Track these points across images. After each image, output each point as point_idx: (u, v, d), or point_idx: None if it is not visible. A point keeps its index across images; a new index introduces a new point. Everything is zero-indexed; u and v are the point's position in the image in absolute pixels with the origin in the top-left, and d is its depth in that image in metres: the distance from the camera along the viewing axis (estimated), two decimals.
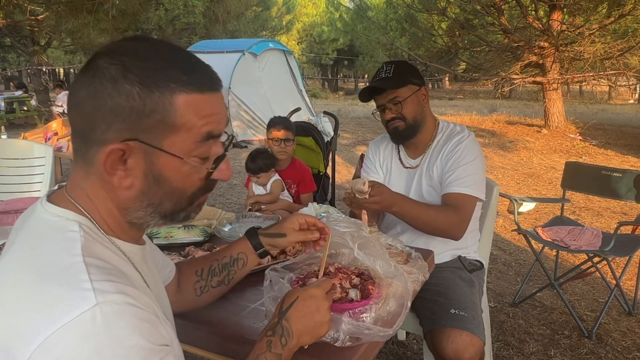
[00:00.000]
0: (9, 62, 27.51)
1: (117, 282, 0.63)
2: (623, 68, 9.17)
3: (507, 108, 14.79)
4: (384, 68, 1.83)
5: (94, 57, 0.69)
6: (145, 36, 0.75)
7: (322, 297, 0.93)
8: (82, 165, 0.71)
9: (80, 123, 0.68)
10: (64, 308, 0.59)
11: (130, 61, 0.67)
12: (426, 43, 12.47)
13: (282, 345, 0.86)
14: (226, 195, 5.52)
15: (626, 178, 2.86)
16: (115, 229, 0.74)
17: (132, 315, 0.62)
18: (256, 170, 2.60)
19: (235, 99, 8.97)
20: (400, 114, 1.82)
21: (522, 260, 3.60)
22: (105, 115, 0.66)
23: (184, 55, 0.72)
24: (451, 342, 1.47)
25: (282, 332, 0.87)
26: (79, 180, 0.72)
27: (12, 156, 2.92)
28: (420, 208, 1.70)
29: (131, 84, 0.65)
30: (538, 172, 6.72)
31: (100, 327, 0.59)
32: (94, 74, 0.67)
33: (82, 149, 0.70)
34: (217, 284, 1.12)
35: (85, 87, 0.67)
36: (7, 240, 0.77)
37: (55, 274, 0.62)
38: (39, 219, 0.71)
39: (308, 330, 0.90)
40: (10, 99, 11.70)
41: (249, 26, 21.94)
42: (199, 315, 1.13)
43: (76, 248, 0.65)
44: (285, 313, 0.90)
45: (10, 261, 0.68)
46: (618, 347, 2.45)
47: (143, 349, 0.62)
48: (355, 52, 28.67)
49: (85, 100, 0.67)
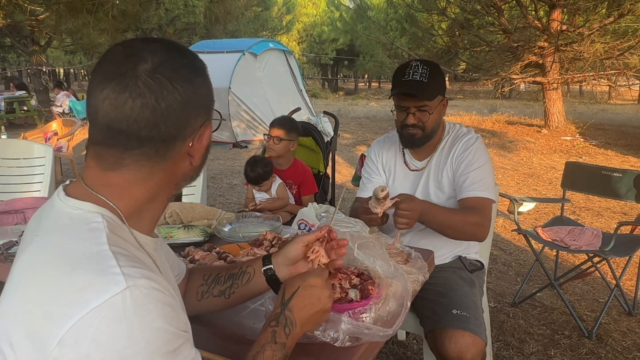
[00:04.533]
0: (9, 62, 27.51)
1: (142, 269, 0.67)
2: (623, 68, 9.16)
3: (507, 108, 14.79)
4: (419, 70, 1.70)
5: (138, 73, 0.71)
6: (144, 37, 0.78)
7: (323, 286, 0.95)
8: (146, 169, 0.75)
9: (169, 130, 0.74)
10: (95, 292, 0.62)
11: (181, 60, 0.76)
12: (426, 43, 12.48)
13: (285, 335, 0.89)
14: (226, 195, 5.52)
15: (626, 178, 2.86)
16: (136, 219, 0.77)
17: (157, 299, 0.65)
18: (257, 180, 2.57)
19: (235, 99, 8.96)
20: (423, 124, 1.75)
21: (522, 260, 3.59)
22: (194, 109, 0.76)
23: (180, 43, 0.84)
24: (453, 343, 1.47)
25: (285, 322, 0.90)
26: (117, 182, 0.74)
27: (12, 156, 2.93)
28: (446, 213, 1.67)
29: (197, 77, 0.77)
30: (538, 172, 6.72)
31: (130, 310, 0.62)
32: (160, 85, 0.71)
33: (158, 155, 0.74)
34: (218, 293, 1.08)
35: (163, 99, 0.72)
36: (24, 235, 0.80)
37: (84, 261, 0.65)
38: (60, 212, 0.73)
39: (310, 318, 0.93)
40: (10, 99, 11.70)
41: (249, 26, 21.95)
42: (199, 315, 1.13)
43: (102, 237, 0.68)
44: (288, 303, 0.91)
45: (35, 251, 0.71)
46: (618, 347, 2.45)
47: (167, 332, 0.65)
48: (355, 52, 28.66)
49: (171, 109, 0.73)
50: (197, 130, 0.77)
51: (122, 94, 0.70)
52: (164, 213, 1.78)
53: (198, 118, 0.77)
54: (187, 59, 0.77)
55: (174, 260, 1.07)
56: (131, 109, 0.70)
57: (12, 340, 0.64)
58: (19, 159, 2.91)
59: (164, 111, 0.72)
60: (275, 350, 0.86)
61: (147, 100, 0.70)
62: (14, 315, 0.65)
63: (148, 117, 0.71)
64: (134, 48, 0.73)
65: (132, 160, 0.73)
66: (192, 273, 1.13)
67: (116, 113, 0.70)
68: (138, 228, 0.77)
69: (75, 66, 26.43)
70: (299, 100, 10.73)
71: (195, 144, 0.78)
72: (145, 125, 0.71)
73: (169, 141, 0.74)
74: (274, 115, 2.96)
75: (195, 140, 0.77)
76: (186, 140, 0.76)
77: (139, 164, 0.74)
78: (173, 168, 0.77)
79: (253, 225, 1.87)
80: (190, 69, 0.76)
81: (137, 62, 0.71)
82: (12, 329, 0.64)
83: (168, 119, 0.72)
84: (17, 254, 0.76)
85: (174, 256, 1.08)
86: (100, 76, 0.72)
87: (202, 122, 0.78)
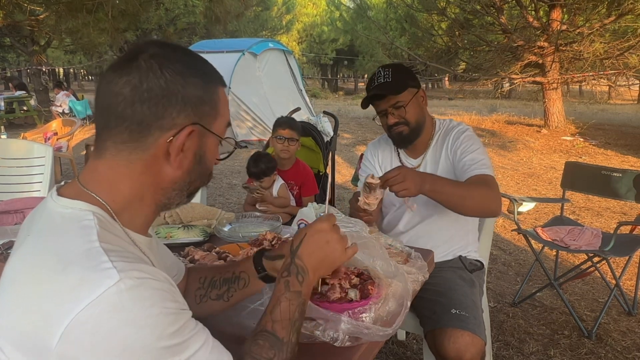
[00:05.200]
0: (8, 62, 27.50)
1: (134, 262, 0.68)
2: (623, 68, 9.16)
3: (507, 108, 14.78)
4: (382, 73, 1.82)
5: (137, 57, 0.75)
6: (171, 43, 0.82)
7: (330, 230, 0.95)
8: (123, 154, 0.75)
9: (143, 113, 0.74)
10: (89, 287, 0.62)
11: (183, 57, 0.77)
12: (426, 43, 12.46)
13: (299, 282, 0.89)
14: (226, 195, 5.52)
15: (626, 178, 2.86)
16: (127, 218, 0.77)
17: (152, 287, 0.66)
18: (259, 175, 2.57)
19: (235, 99, 8.95)
20: (403, 119, 1.81)
21: (522, 260, 3.60)
22: (177, 103, 0.75)
23: (202, 57, 0.83)
24: (452, 342, 1.47)
25: (297, 270, 0.90)
26: (103, 171, 0.76)
27: (12, 156, 2.93)
28: (453, 182, 1.65)
29: (194, 77, 0.77)
30: (538, 172, 6.72)
31: (127, 299, 0.62)
32: (150, 69, 0.73)
33: (132, 139, 0.75)
34: (216, 297, 1.08)
35: (147, 80, 0.73)
36: (17, 235, 0.80)
37: (75, 259, 0.65)
38: (52, 212, 0.74)
39: (321, 262, 0.93)
40: (10, 99, 11.69)
41: (249, 26, 21.96)
42: (199, 315, 1.13)
43: (92, 235, 0.69)
44: (296, 251, 0.92)
45: (27, 251, 0.71)
46: (618, 347, 2.45)
47: (168, 314, 0.66)
48: (355, 52, 28.66)
49: (152, 93, 0.73)
50: (178, 127, 0.76)
51: (116, 72, 0.75)
52: (163, 213, 1.78)
53: (181, 114, 0.76)
54: (192, 61, 0.78)
55: (172, 260, 1.07)
56: (116, 84, 0.74)
57: (5, 340, 0.64)
58: (19, 159, 2.91)
59: (144, 92, 0.73)
60: (291, 300, 0.87)
61: (131, 78, 0.73)
62: (7, 314, 0.66)
63: (126, 94, 0.73)
64: (147, 42, 0.78)
65: (112, 142, 0.75)
66: (190, 274, 1.12)
67: (106, 88, 0.75)
68: (130, 227, 0.78)
69: (75, 66, 26.43)
70: (298, 100, 10.73)
71: (174, 140, 0.76)
72: (122, 100, 0.73)
73: (144, 126, 0.74)
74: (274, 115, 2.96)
75: (175, 137, 0.76)
76: (164, 133, 0.75)
77: (116, 148, 0.75)
78: (154, 167, 0.77)
79: (253, 225, 1.87)
80: (189, 67, 0.77)
81: (141, 51, 0.76)
82: (5, 329, 0.65)
83: (145, 101, 0.73)
84: (11, 254, 0.76)
85: (172, 256, 1.07)
86: (110, 64, 0.77)
87: (187, 123, 0.76)
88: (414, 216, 1.89)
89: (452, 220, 1.85)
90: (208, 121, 0.79)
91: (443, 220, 1.86)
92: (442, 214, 1.83)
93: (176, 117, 0.75)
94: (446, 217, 1.84)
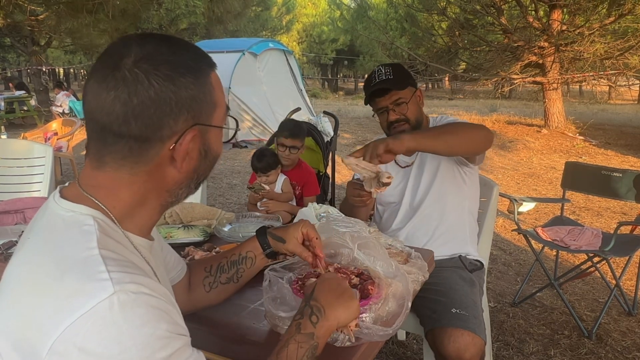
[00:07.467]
0: (8, 62, 27.51)
1: (133, 273, 0.65)
2: (623, 68, 9.15)
3: (507, 108, 14.79)
4: (382, 70, 1.83)
5: (119, 66, 0.69)
6: (143, 33, 0.76)
7: (338, 278, 0.99)
8: (125, 169, 0.72)
9: (140, 129, 0.70)
10: (83, 298, 0.60)
11: (168, 56, 0.71)
12: (426, 43, 12.45)
13: (312, 324, 0.86)
14: (226, 195, 5.52)
15: (626, 178, 2.86)
16: (130, 221, 0.75)
17: (148, 304, 0.63)
18: (266, 168, 2.56)
19: (235, 99, 8.96)
20: (404, 116, 1.82)
21: (522, 260, 3.60)
22: (172, 111, 0.71)
23: (186, 41, 0.79)
24: (453, 342, 1.47)
25: (311, 311, 0.88)
26: (104, 181, 0.73)
27: (12, 156, 2.92)
28: (438, 127, 1.64)
29: (184, 76, 0.71)
30: (538, 172, 6.72)
31: (118, 315, 0.60)
32: (136, 80, 0.69)
33: (132, 154, 0.71)
34: (226, 280, 1.12)
35: (136, 94, 0.69)
36: (22, 235, 0.78)
37: (73, 267, 0.64)
38: (53, 215, 0.72)
39: (338, 301, 0.91)
40: (10, 99, 11.69)
41: (249, 26, 21.95)
42: (199, 315, 1.13)
43: (92, 241, 0.67)
44: (311, 296, 0.91)
45: (25, 256, 0.70)
46: (618, 347, 2.45)
47: (161, 337, 0.63)
48: (355, 52, 28.65)
49: (144, 106, 0.69)
50: (179, 133, 0.72)
51: (101, 85, 0.69)
52: (163, 214, 1.78)
53: (179, 120, 0.72)
54: (177, 56, 0.72)
55: (175, 258, 1.07)
56: (105, 100, 0.69)
57: (5, 342, 0.63)
58: (19, 159, 2.90)
59: (136, 107, 0.69)
60: (300, 342, 0.83)
61: (119, 93, 0.68)
62: (6, 319, 0.65)
63: (119, 112, 0.69)
64: (127, 42, 0.72)
65: (111, 158, 0.72)
66: (191, 268, 1.13)
67: (95, 103, 0.70)
68: (132, 230, 0.76)
69: (75, 66, 26.42)
70: (299, 100, 10.72)
71: (177, 147, 0.73)
72: (116, 119, 0.69)
73: (143, 141, 0.71)
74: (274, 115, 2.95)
75: (178, 144, 0.72)
76: (165, 143, 0.72)
77: (117, 163, 0.72)
78: (158, 173, 0.74)
79: (253, 225, 1.87)
80: (176, 67, 0.71)
81: (122, 56, 0.70)
82: (4, 332, 0.64)
83: (139, 116, 0.69)
84: (13, 254, 0.75)
85: (174, 254, 1.08)
86: (92, 69, 0.73)
87: (188, 126, 0.73)
88: (409, 211, 1.91)
89: (453, 220, 1.85)
90: (207, 116, 0.76)
91: (441, 218, 1.87)
92: (441, 212, 1.85)
93: (174, 125, 0.72)
94: (446, 216, 1.85)
